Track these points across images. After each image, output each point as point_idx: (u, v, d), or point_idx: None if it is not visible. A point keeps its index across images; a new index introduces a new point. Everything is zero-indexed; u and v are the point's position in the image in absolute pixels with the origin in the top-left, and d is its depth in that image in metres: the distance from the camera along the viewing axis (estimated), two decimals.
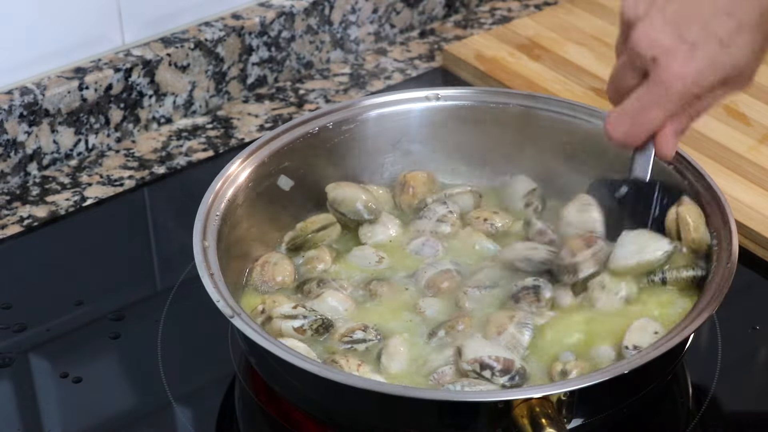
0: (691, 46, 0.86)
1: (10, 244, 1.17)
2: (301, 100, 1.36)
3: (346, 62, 1.42)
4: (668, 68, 0.87)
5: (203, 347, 1.05)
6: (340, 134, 1.10)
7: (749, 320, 1.07)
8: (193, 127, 1.32)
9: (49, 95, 1.22)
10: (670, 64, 0.87)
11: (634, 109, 0.91)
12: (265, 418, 1.00)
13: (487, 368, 0.91)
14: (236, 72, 1.34)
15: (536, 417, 0.84)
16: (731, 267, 0.93)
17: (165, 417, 1.00)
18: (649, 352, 0.88)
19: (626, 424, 0.96)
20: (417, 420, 0.90)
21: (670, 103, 0.89)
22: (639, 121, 0.91)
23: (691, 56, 0.87)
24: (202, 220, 0.99)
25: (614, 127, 0.93)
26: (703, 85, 0.88)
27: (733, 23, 0.86)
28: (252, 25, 1.33)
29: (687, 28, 0.86)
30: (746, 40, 0.87)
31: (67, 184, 1.24)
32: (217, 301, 0.91)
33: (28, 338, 1.07)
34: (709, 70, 0.87)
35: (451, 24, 1.49)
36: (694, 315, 0.91)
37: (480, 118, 1.12)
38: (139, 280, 1.14)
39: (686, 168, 1.03)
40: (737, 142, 1.24)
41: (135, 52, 1.28)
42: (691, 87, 0.88)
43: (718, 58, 0.87)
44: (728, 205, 0.99)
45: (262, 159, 1.06)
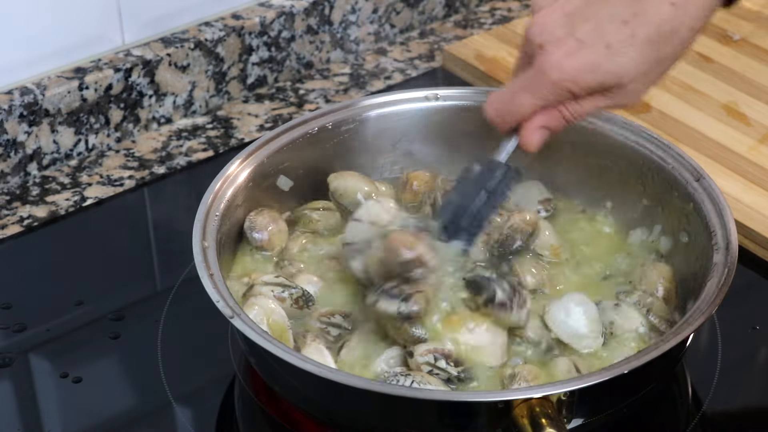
0: (579, 42, 0.87)
1: (10, 244, 1.17)
2: (301, 100, 1.36)
3: (346, 62, 1.42)
4: (549, 56, 0.87)
5: (203, 347, 1.05)
6: (340, 134, 1.10)
7: (749, 320, 1.07)
8: (193, 127, 1.32)
9: (49, 95, 1.22)
10: (552, 52, 0.87)
11: (510, 91, 0.92)
12: (265, 418, 1.00)
13: (442, 358, 0.91)
14: (236, 72, 1.34)
15: (536, 417, 0.84)
16: (731, 267, 0.93)
17: (165, 417, 1.00)
18: (649, 352, 0.88)
19: (626, 424, 0.96)
20: (417, 420, 0.90)
21: (543, 90, 0.89)
22: (512, 102, 0.92)
23: (576, 52, 0.87)
24: (202, 220, 0.99)
25: (490, 104, 0.94)
26: (578, 83, 0.88)
27: (626, 32, 0.86)
28: (252, 25, 1.33)
29: (580, 24, 0.87)
30: (634, 52, 0.86)
31: (67, 184, 1.24)
32: (217, 301, 0.91)
33: (28, 338, 1.07)
34: (588, 71, 0.87)
35: (451, 24, 1.49)
36: (694, 315, 0.90)
37: (480, 118, 1.12)
38: (139, 280, 1.14)
39: (685, 167, 1.03)
40: (737, 142, 1.24)
41: (135, 52, 1.28)
42: (566, 81, 0.88)
43: (600, 61, 0.87)
44: (728, 205, 0.99)
45: (262, 159, 1.06)
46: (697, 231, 1.01)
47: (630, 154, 1.07)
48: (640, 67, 0.87)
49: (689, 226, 1.02)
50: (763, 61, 1.36)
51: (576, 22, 0.87)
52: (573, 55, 0.87)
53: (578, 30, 0.87)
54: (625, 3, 0.86)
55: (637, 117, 1.26)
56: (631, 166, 1.07)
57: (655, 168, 1.05)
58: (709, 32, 1.38)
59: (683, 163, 1.04)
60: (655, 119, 1.27)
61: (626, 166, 1.08)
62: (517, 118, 0.93)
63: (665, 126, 1.26)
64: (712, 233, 0.98)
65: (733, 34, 1.40)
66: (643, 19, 0.85)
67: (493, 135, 1.12)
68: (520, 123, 0.94)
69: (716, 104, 1.29)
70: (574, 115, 0.92)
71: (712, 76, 1.34)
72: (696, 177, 1.02)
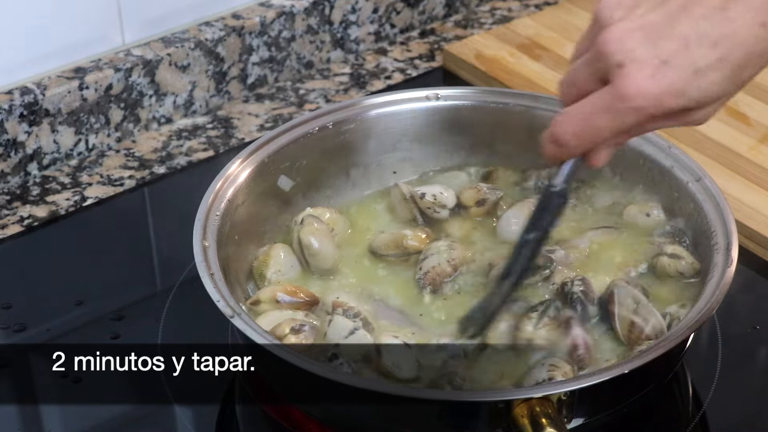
0: (663, 63, 0.78)
1: (10, 244, 1.17)
2: (301, 100, 1.36)
3: (346, 62, 1.42)
4: (632, 79, 0.79)
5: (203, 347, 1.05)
6: (340, 134, 1.10)
7: (749, 320, 1.07)
8: (193, 127, 1.32)
9: (50, 95, 1.22)
10: (635, 75, 0.79)
11: (585, 113, 0.82)
12: (265, 418, 1.00)
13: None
14: (236, 72, 1.34)
15: (536, 417, 0.84)
16: (731, 267, 0.93)
17: (165, 417, 1.00)
18: (650, 352, 0.88)
19: (626, 424, 0.96)
20: (417, 420, 0.90)
21: (624, 116, 0.80)
22: (590, 126, 0.82)
23: (661, 74, 0.78)
24: (202, 220, 0.99)
25: (564, 127, 0.83)
26: (661, 108, 0.79)
27: (715, 55, 0.78)
28: (252, 24, 1.33)
29: (664, 43, 0.78)
30: (721, 76, 0.79)
31: (67, 184, 1.24)
32: (217, 301, 0.91)
33: (28, 338, 1.07)
34: (673, 95, 0.79)
35: (451, 24, 1.49)
36: (694, 315, 0.90)
37: (480, 118, 1.12)
38: (139, 280, 1.14)
39: (686, 167, 1.03)
40: (737, 142, 1.24)
41: (135, 52, 1.28)
42: (650, 106, 0.79)
43: (686, 85, 0.79)
44: (728, 205, 0.99)
45: (262, 159, 1.06)
46: (697, 231, 1.01)
47: (630, 154, 1.07)
48: (724, 91, 0.80)
49: (689, 226, 1.02)
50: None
51: (660, 40, 0.78)
52: (657, 78, 0.78)
53: (662, 49, 0.78)
54: (714, 22, 0.78)
55: None
56: (631, 166, 1.07)
57: (656, 168, 1.05)
58: None
59: (683, 163, 1.04)
60: None
61: (626, 167, 1.08)
62: (597, 142, 0.84)
63: None
64: (712, 233, 0.98)
65: None
66: (733, 42, 0.78)
67: (496, 136, 1.12)
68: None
69: None
70: (643, 132, 0.84)
71: None
72: (696, 177, 1.02)
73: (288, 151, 1.08)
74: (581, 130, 0.83)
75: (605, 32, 0.79)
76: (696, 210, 1.01)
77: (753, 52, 0.78)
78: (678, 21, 0.78)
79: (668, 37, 0.78)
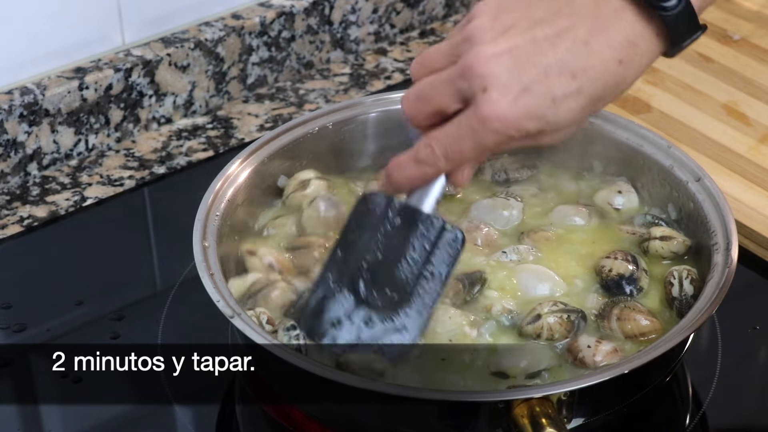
0: (524, 89, 0.82)
1: (10, 244, 1.17)
2: (301, 100, 1.36)
3: (346, 62, 1.42)
4: (495, 104, 0.82)
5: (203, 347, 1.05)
6: (340, 134, 1.10)
7: (749, 320, 1.07)
8: (193, 127, 1.32)
9: (49, 95, 1.22)
10: (497, 99, 0.82)
11: (454, 136, 0.86)
12: (265, 418, 1.00)
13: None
14: (236, 72, 1.34)
15: (536, 417, 0.84)
16: (731, 267, 0.93)
17: (165, 417, 1.00)
18: (649, 352, 0.88)
19: (626, 424, 0.96)
20: (417, 420, 0.90)
21: (485, 139, 0.84)
22: (454, 149, 0.86)
23: (522, 99, 0.82)
24: (202, 220, 0.99)
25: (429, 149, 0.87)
26: (520, 130, 0.83)
27: (574, 86, 0.83)
28: (252, 25, 1.33)
29: (529, 69, 0.82)
30: (577, 105, 0.83)
31: (67, 184, 1.24)
32: (217, 301, 0.91)
33: (28, 338, 1.07)
34: (531, 119, 0.83)
35: (451, 24, 1.49)
36: (694, 315, 0.90)
37: None
38: (139, 280, 1.14)
39: (686, 167, 1.03)
40: (737, 142, 1.24)
41: (135, 52, 1.28)
42: (510, 129, 0.83)
43: (544, 112, 0.83)
44: (728, 205, 0.99)
45: (262, 159, 1.06)
46: (697, 231, 1.01)
47: (630, 154, 1.07)
48: (579, 118, 0.85)
49: (689, 226, 1.02)
50: (763, 61, 1.36)
51: (523, 67, 0.82)
52: (517, 104, 0.83)
53: (525, 76, 0.82)
54: (575, 54, 0.82)
55: (637, 117, 1.26)
56: (631, 166, 1.07)
57: (656, 168, 1.05)
58: (709, 32, 1.38)
59: (683, 163, 1.04)
60: (655, 119, 1.27)
61: (626, 166, 1.08)
62: (463, 162, 0.88)
63: (665, 126, 1.26)
64: (712, 233, 0.98)
65: (733, 34, 1.40)
66: (591, 75, 0.83)
67: None
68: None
69: (716, 104, 1.29)
70: (500, 150, 0.89)
71: (712, 76, 1.34)
72: (696, 177, 1.02)
73: (288, 151, 1.08)
74: (451, 152, 0.86)
75: (475, 51, 0.83)
76: (696, 210, 1.01)
77: (608, 86, 0.84)
78: (543, 50, 0.82)
79: (532, 64, 0.82)
